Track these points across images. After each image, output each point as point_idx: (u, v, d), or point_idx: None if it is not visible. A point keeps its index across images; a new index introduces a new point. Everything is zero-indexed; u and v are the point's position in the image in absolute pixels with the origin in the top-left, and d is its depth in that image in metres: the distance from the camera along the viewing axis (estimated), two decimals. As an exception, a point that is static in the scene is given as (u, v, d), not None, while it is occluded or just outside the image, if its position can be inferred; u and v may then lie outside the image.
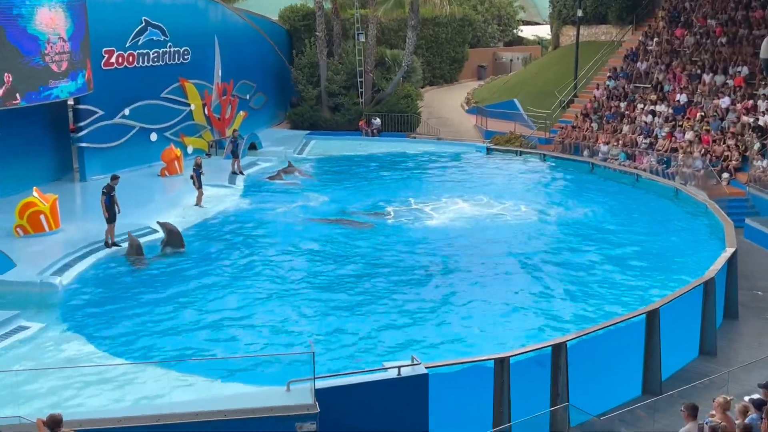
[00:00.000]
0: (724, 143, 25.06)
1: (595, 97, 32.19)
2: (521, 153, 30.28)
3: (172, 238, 17.97)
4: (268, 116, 35.20)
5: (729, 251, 15.15)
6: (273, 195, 24.19)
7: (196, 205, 21.60)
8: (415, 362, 10.16)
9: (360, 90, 34.81)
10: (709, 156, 24.67)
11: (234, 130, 27.75)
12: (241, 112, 31.39)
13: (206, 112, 29.15)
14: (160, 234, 18.41)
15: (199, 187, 21.75)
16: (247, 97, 32.62)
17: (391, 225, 20.50)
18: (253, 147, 29.83)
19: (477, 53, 52.11)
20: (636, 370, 12.21)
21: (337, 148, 31.80)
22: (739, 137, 24.93)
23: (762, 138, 24.20)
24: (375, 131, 33.80)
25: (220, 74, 29.97)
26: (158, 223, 18.57)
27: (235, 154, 26.15)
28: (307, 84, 35.16)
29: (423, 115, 36.24)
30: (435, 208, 22.22)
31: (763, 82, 26.62)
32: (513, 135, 31.99)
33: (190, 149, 28.11)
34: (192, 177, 21.82)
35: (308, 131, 34.00)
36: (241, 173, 26.00)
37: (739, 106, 26.45)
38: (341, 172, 27.88)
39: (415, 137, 34.00)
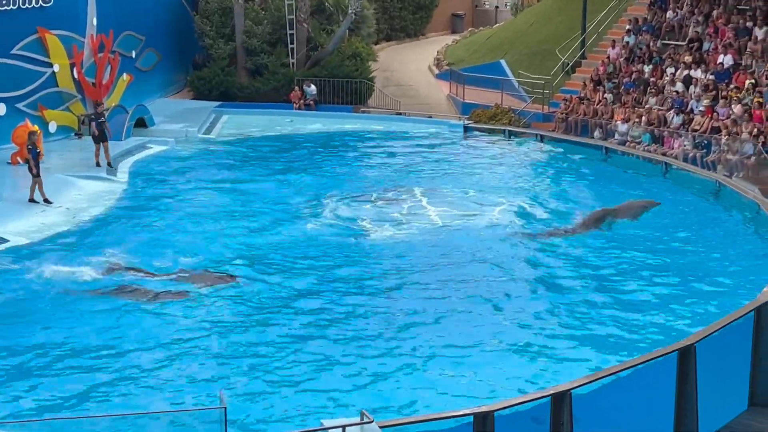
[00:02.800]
0: (783, 121, 25.55)
1: (609, 58, 32.57)
2: (510, 133, 30.49)
3: None
4: (163, 81, 34.94)
5: (789, 266, 15.41)
6: (169, 188, 24.06)
7: (38, 200, 21.56)
8: (366, 420, 10.13)
9: (290, 46, 34.74)
10: (762, 138, 25.12)
11: (97, 104, 27.00)
12: (125, 75, 31.09)
13: (75, 74, 28.83)
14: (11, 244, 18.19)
15: (36, 175, 21.61)
16: (133, 55, 32.36)
17: (328, 234, 20.50)
18: (141, 124, 29.58)
19: (451, -3, 52.43)
20: (665, 428, 12.33)
21: (259, 126, 31.67)
22: (802, 113, 25.47)
23: (832, 114, 24.75)
24: (311, 103, 33.75)
25: (95, 23, 29.65)
26: None
27: (100, 137, 25.35)
28: (217, 38, 34.99)
29: (377, 82, 36.31)
30: (389, 211, 22.25)
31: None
32: (499, 109, 32.22)
33: (53, 126, 27.74)
34: (27, 159, 21.69)
35: (218, 102, 33.88)
36: (109, 165, 25.29)
37: (802, 71, 27.01)
38: (263, 158, 27.79)
39: (366, 111, 34.04)
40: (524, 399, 11.32)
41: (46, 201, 21.85)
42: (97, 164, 25.19)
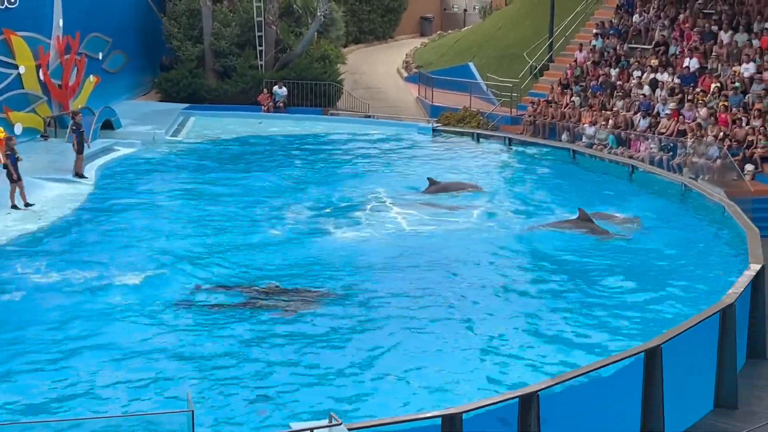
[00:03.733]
0: (748, 124, 25.78)
1: (576, 61, 32.75)
2: (478, 136, 30.57)
3: None
4: (130, 83, 34.77)
5: (754, 269, 15.51)
6: (136, 191, 23.94)
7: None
8: (335, 422, 10.12)
9: (259, 48, 34.69)
10: (727, 141, 25.33)
11: (71, 113, 26.70)
12: (91, 77, 30.89)
13: (41, 76, 28.61)
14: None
15: (17, 180, 21.42)
16: (100, 57, 32.17)
17: (293, 238, 20.46)
18: (108, 126, 29.39)
19: (419, 1, 52.51)
20: (632, 428, 12.40)
21: (227, 128, 31.56)
22: (767, 116, 25.69)
23: (796, 118, 25.01)
24: (280, 105, 33.69)
25: (61, 25, 29.44)
26: None
27: (79, 146, 24.92)
28: (185, 39, 34.86)
29: (346, 84, 36.32)
30: (356, 215, 22.25)
31: (798, 44, 27.49)
32: (468, 112, 32.31)
33: (18, 128, 27.50)
34: (5, 164, 21.48)
35: (186, 104, 33.73)
36: (81, 176, 24.67)
37: (766, 74, 27.25)
38: (231, 161, 27.70)
39: (335, 114, 34.03)
40: (492, 400, 11.35)
41: (27, 205, 21.66)
42: (77, 174, 24.86)
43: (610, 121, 28.61)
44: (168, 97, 34.81)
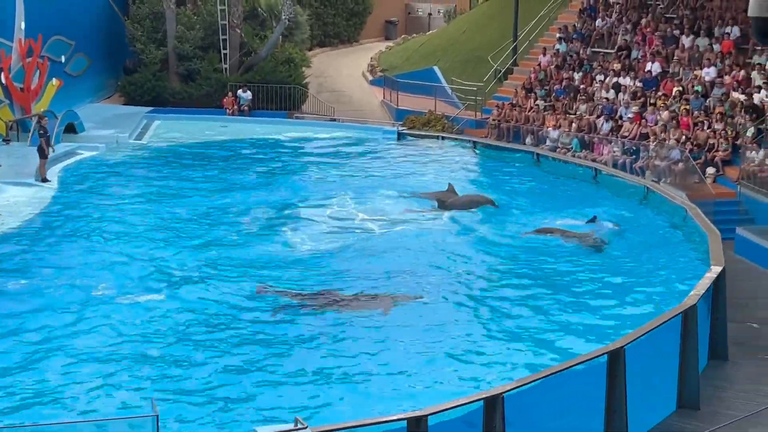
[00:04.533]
0: (709, 128, 26.04)
1: (540, 65, 32.93)
2: (444, 139, 30.66)
3: None
4: (93, 86, 34.57)
5: (715, 271, 15.65)
6: (98, 195, 23.82)
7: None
8: (300, 426, 10.12)
9: (223, 52, 34.60)
10: (689, 145, 25.57)
11: (38, 116, 26.49)
12: (54, 80, 30.67)
13: (3, 79, 28.38)
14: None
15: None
16: (63, 60, 31.96)
17: (258, 243, 20.44)
18: (70, 129, 29.21)
19: (384, 4, 52.61)
20: (596, 430, 12.49)
21: (191, 132, 31.45)
22: (729, 120, 25.96)
23: (757, 121, 25.26)
24: (245, 108, 33.63)
25: (23, 27, 29.23)
26: None
27: (42, 151, 24.73)
28: (149, 42, 34.71)
29: (311, 88, 36.31)
30: (321, 218, 22.25)
31: (758, 48, 27.79)
32: (433, 115, 32.39)
33: (-21, 132, 27.32)
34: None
35: (150, 108, 33.58)
36: (45, 180, 24.66)
37: (727, 78, 27.55)
38: (195, 165, 27.60)
39: (300, 117, 34.00)
40: (457, 403, 11.39)
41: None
42: (44, 179, 24.67)
43: (574, 125, 28.80)
44: (131, 101, 34.64)
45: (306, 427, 10.10)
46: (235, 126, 32.48)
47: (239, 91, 33.75)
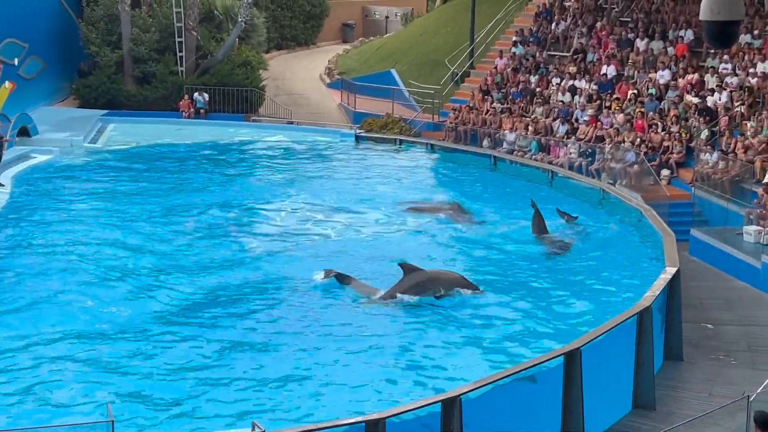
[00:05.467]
0: (664, 130, 26.31)
1: (497, 68, 33.09)
2: (401, 142, 30.71)
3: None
4: (47, 89, 34.22)
5: (670, 272, 15.83)
6: (52, 199, 23.57)
7: None
8: (258, 430, 10.11)
9: (179, 54, 34.39)
10: (644, 147, 25.81)
11: None
12: (7, 83, 30.30)
13: (-46, 83, 28.07)
14: None
15: None
16: (16, 62, 31.62)
17: (212, 246, 20.37)
18: (24, 133, 28.91)
19: (341, 7, 52.56)
20: (553, 430, 12.56)
21: (147, 135, 31.25)
22: (683, 122, 26.24)
23: (711, 124, 25.57)
24: (201, 111, 33.48)
25: (-24, 29, 28.90)
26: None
27: None
28: (103, 45, 34.42)
29: (269, 91, 36.20)
30: (277, 222, 22.23)
31: (711, 51, 28.12)
32: (390, 118, 32.41)
33: (-69, 136, 26.92)
34: None
35: (105, 111, 33.33)
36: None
37: (681, 81, 27.85)
38: (150, 169, 27.44)
39: (257, 120, 33.90)
40: (415, 405, 11.42)
41: None
42: None
43: (531, 128, 28.95)
44: (86, 104, 34.36)
45: (263, 431, 10.10)
46: (191, 129, 32.30)
47: (195, 94, 33.59)
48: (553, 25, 33.74)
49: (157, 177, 26.36)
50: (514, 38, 34.30)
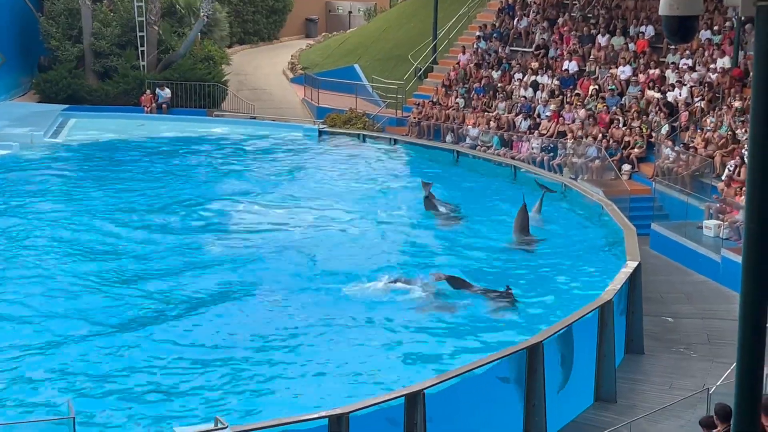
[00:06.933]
0: (625, 125, 26.50)
1: (460, 63, 33.16)
2: (364, 137, 30.71)
3: None
4: (6, 84, 33.95)
5: (630, 266, 15.97)
6: (10, 194, 23.42)
7: None
8: (220, 425, 10.08)
9: (141, 49, 34.19)
10: (605, 142, 25.98)
11: None
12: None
13: None
14: None
15: None
16: (-25, 57, 31.33)
17: (175, 244, 20.29)
18: (-16, 128, 28.66)
19: (304, 2, 52.47)
20: (515, 424, 12.64)
21: (108, 130, 31.04)
22: (644, 117, 26.45)
23: (671, 119, 25.80)
24: (163, 106, 33.28)
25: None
26: None
27: None
28: (64, 39, 34.16)
29: (231, 86, 36.07)
30: (239, 218, 22.18)
31: (672, 47, 28.36)
32: (354, 113, 32.40)
33: None
34: None
35: (66, 106, 33.05)
36: None
37: (642, 77, 28.07)
38: (111, 164, 27.27)
39: (220, 116, 33.77)
40: (378, 400, 11.45)
41: None
42: None
43: (493, 123, 29.03)
44: (46, 98, 34.06)
45: (226, 427, 10.07)
46: (153, 124, 32.10)
47: (157, 89, 33.39)
48: (516, 20, 33.85)
49: (117, 172, 26.17)
50: (477, 33, 34.40)
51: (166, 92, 33.38)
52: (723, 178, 21.73)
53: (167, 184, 25.13)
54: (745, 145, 21.99)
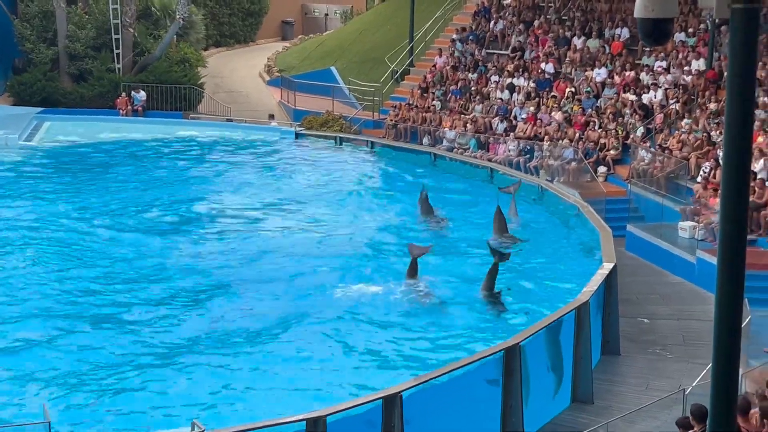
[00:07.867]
0: (600, 127, 26.61)
1: (436, 66, 33.20)
2: (341, 140, 30.70)
3: None
4: (-19, 87, 33.70)
5: (606, 268, 16.03)
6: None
7: None
8: (198, 429, 10.07)
9: (116, 51, 34.04)
10: (581, 144, 26.08)
11: None
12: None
13: None
14: None
15: None
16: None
17: (153, 246, 20.23)
18: (-42, 131, 28.47)
19: (280, 4, 52.36)
20: (492, 425, 12.66)
21: (83, 133, 30.90)
22: (619, 120, 26.56)
23: (647, 121, 25.92)
24: (139, 109, 33.16)
25: None
26: None
27: None
28: (38, 42, 33.98)
29: (207, 88, 35.97)
30: (217, 221, 22.13)
31: (647, 49, 28.49)
32: (330, 116, 32.38)
33: None
34: None
35: (41, 109, 32.88)
36: None
37: (617, 79, 28.19)
38: (86, 167, 27.18)
39: (196, 118, 33.67)
40: (356, 402, 11.45)
41: None
42: None
43: (469, 125, 29.08)
44: (21, 101, 33.86)
45: (203, 430, 10.06)
46: (128, 127, 31.99)
47: (133, 92, 33.26)
48: (492, 23, 33.93)
49: (93, 175, 26.07)
50: (453, 36, 34.45)
51: (142, 95, 33.26)
52: (698, 179, 21.84)
53: (142, 186, 25.03)
54: (720, 147, 22.15)
